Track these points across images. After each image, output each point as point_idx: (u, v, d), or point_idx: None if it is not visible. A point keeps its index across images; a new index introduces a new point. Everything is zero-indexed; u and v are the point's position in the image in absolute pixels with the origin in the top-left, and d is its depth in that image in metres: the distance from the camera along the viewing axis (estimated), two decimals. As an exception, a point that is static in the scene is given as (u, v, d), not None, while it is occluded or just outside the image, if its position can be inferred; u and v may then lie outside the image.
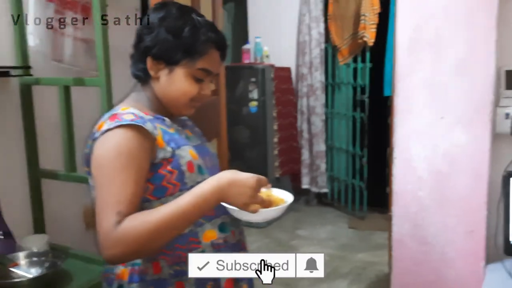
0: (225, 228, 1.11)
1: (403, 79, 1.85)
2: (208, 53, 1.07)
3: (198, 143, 1.18)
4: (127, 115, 1.01)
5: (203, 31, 1.06)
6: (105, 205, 0.93)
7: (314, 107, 4.24)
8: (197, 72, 1.07)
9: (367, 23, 3.70)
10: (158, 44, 1.05)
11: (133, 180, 0.95)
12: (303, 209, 4.43)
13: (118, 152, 0.96)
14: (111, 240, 0.89)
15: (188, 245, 1.04)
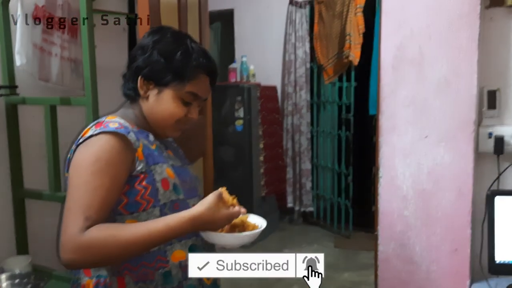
0: (195, 250, 1.10)
1: (387, 97, 1.88)
2: (198, 78, 1.09)
3: (179, 164, 1.18)
4: (112, 123, 1.02)
5: (194, 57, 1.09)
6: (74, 207, 0.93)
7: (299, 125, 4.28)
8: (185, 95, 1.08)
9: (352, 42, 3.77)
10: (150, 65, 1.07)
11: (107, 187, 0.95)
12: (288, 228, 4.42)
13: (97, 157, 0.97)
14: (75, 245, 0.90)
15: (155, 264, 1.04)
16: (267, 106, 4.12)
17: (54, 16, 1.82)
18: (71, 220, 0.91)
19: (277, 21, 4.36)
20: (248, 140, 3.90)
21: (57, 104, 1.60)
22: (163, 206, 1.05)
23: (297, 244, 3.97)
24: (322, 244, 3.95)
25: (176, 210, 1.06)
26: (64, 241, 0.90)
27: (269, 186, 4.11)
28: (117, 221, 1.01)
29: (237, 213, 1.03)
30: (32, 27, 1.73)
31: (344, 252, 3.79)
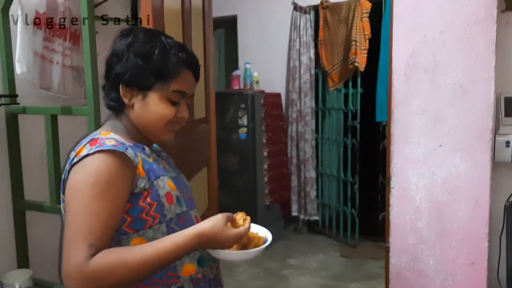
0: (203, 262, 1.07)
1: (399, 106, 1.82)
2: (181, 74, 1.04)
3: (175, 175, 1.14)
4: (108, 140, 0.96)
5: (173, 52, 1.04)
6: (76, 235, 0.87)
7: (304, 133, 4.22)
8: (172, 94, 1.04)
9: (358, 48, 3.72)
10: (129, 70, 1.02)
11: (109, 211, 0.90)
12: (293, 237, 4.35)
13: (96, 179, 0.91)
14: (81, 275, 0.84)
15: (167, 280, 1.00)
16: (271, 114, 4.06)
17: (55, 23, 1.77)
18: (74, 248, 0.86)
19: (281, 27, 4.31)
20: (252, 148, 3.85)
21: (58, 113, 1.55)
22: (170, 221, 1.01)
23: (303, 253, 3.90)
24: (327, 254, 3.88)
25: (182, 223, 1.04)
26: (68, 271, 0.85)
27: (273, 195, 4.05)
28: (122, 241, 0.95)
29: (244, 232, 1.00)
30: (33, 34, 1.68)
31: (351, 261, 3.72)
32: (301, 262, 3.71)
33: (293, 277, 3.42)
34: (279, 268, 3.60)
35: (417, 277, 1.83)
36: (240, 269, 3.58)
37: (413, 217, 1.83)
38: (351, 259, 3.75)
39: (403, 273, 1.86)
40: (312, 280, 3.37)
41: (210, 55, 2.31)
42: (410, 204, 1.83)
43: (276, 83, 4.35)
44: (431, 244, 1.79)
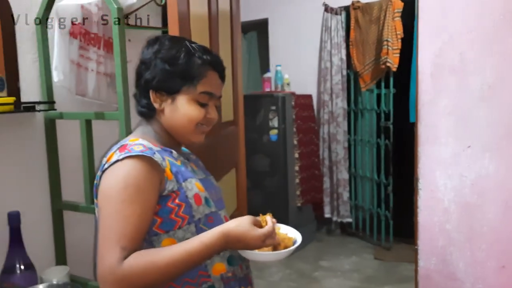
0: (233, 261, 1.10)
1: (426, 106, 1.80)
2: (207, 75, 1.08)
3: (203, 176, 1.17)
4: (137, 146, 1.01)
5: (198, 55, 1.08)
6: (108, 238, 0.92)
7: (336, 134, 4.20)
8: (199, 96, 1.08)
9: (390, 48, 3.68)
10: (157, 75, 1.06)
11: (139, 214, 0.94)
12: (326, 239, 4.34)
13: (126, 183, 0.95)
14: (115, 277, 0.88)
15: (198, 279, 1.03)
16: (302, 115, 4.08)
17: (90, 32, 1.86)
18: (107, 251, 0.90)
19: (312, 29, 4.32)
20: (283, 150, 3.87)
21: (92, 118, 1.63)
22: (198, 221, 1.05)
23: (335, 255, 3.89)
24: (360, 256, 3.85)
25: (211, 223, 1.07)
26: (102, 273, 0.89)
27: (305, 196, 4.06)
28: (154, 242, 1.00)
29: (269, 232, 1.00)
30: (69, 43, 1.77)
31: (384, 264, 3.67)
32: (333, 264, 3.70)
33: (324, 279, 3.42)
34: (311, 269, 3.60)
35: (447, 280, 1.80)
36: (271, 270, 3.61)
37: (442, 219, 1.80)
38: (385, 261, 3.71)
39: (432, 275, 1.84)
40: (344, 282, 3.36)
41: (238, 58, 2.36)
42: (439, 206, 1.81)
43: (307, 84, 4.36)
44: (461, 247, 1.76)
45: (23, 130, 1.72)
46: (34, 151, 1.75)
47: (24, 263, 1.63)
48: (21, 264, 1.62)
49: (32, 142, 1.75)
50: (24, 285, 1.58)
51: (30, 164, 1.75)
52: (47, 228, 1.81)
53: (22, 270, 1.62)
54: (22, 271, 1.61)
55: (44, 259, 1.79)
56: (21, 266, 1.62)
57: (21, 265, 1.62)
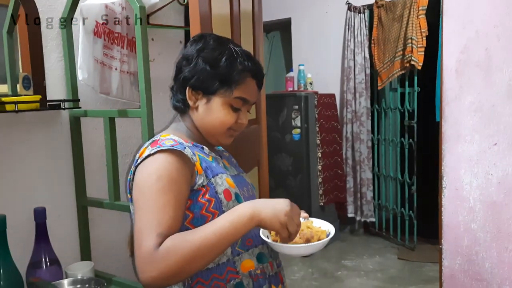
0: (263, 258, 1.10)
1: (451, 103, 1.77)
2: (245, 82, 1.08)
3: (235, 173, 1.18)
4: (167, 141, 1.03)
5: (240, 61, 1.08)
6: (145, 227, 0.92)
7: (359, 133, 4.16)
8: (234, 101, 1.08)
9: (415, 46, 3.62)
10: (196, 74, 1.07)
11: (173, 204, 0.95)
12: (349, 238, 4.30)
13: (158, 175, 0.97)
14: (152, 262, 0.88)
15: (226, 275, 1.03)
16: (325, 114, 4.05)
17: (114, 32, 1.89)
18: (144, 240, 0.90)
19: (335, 28, 4.29)
20: (306, 149, 3.86)
21: (115, 116, 1.66)
22: None
23: (358, 255, 3.85)
24: (384, 256, 3.81)
25: None
26: (140, 261, 0.90)
27: (328, 195, 4.03)
28: None
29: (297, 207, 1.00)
30: (93, 43, 1.81)
31: (408, 264, 3.62)
32: (356, 264, 3.66)
33: (347, 279, 3.39)
34: (333, 269, 3.58)
35: (472, 281, 1.76)
36: (294, 269, 3.60)
37: (467, 218, 1.77)
38: (409, 262, 3.65)
39: (457, 276, 1.80)
40: (367, 282, 3.32)
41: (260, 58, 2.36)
42: (464, 205, 1.77)
43: (331, 83, 4.34)
44: (487, 247, 1.72)
45: (49, 127, 1.77)
46: (59, 148, 1.79)
47: (49, 258, 1.67)
48: (46, 259, 1.66)
49: (58, 139, 1.79)
50: (49, 279, 1.62)
51: (55, 161, 1.79)
52: (72, 224, 1.85)
53: (48, 265, 1.66)
54: (47, 265, 1.66)
55: (70, 254, 1.83)
56: (46, 261, 1.66)
57: (47, 260, 1.66)
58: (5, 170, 1.63)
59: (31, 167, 1.71)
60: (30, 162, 1.71)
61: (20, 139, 1.68)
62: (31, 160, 1.71)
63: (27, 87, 1.67)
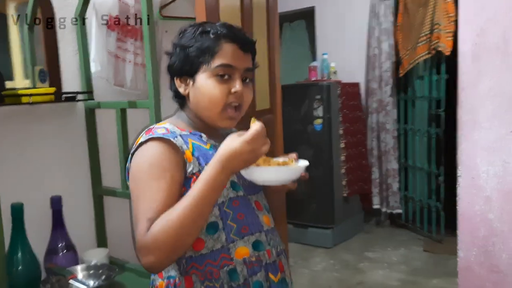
0: (259, 246, 1.08)
1: (467, 89, 1.72)
2: (222, 48, 1.04)
3: None
4: (160, 129, 1.04)
5: (212, 31, 1.05)
6: (138, 215, 0.95)
7: (385, 123, 4.08)
8: (216, 70, 1.04)
9: (442, 31, 3.50)
10: (177, 60, 1.08)
11: (165, 189, 0.96)
12: (374, 230, 4.24)
13: (149, 163, 0.99)
14: (145, 247, 0.90)
15: (220, 261, 1.03)
16: (348, 104, 3.99)
17: (127, 25, 1.93)
18: (138, 227, 0.93)
19: (359, 16, 4.21)
20: (328, 139, 3.81)
21: (126, 107, 1.70)
22: (222, 204, 1.04)
23: (383, 247, 3.79)
24: (409, 248, 3.73)
25: (236, 206, 1.06)
26: (136, 246, 0.93)
27: (351, 186, 3.98)
28: None
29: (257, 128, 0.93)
30: (107, 36, 1.85)
31: (434, 257, 3.54)
32: (380, 256, 3.61)
33: (370, 271, 3.35)
34: (356, 260, 3.54)
35: (489, 272, 1.71)
36: (315, 260, 3.59)
37: (483, 208, 1.71)
38: (435, 254, 3.57)
39: (472, 267, 1.75)
40: (390, 274, 3.27)
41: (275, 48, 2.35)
42: (480, 194, 1.71)
43: (355, 72, 4.27)
44: (504, 237, 1.66)
45: (66, 119, 1.83)
46: (75, 139, 1.86)
47: (66, 244, 1.73)
48: (63, 246, 1.73)
49: (74, 130, 1.85)
50: (66, 265, 1.69)
51: (71, 151, 1.85)
52: (88, 212, 1.92)
53: (64, 251, 1.73)
54: (64, 252, 1.72)
55: (86, 241, 1.90)
56: (63, 247, 1.72)
57: (63, 246, 1.73)
58: (23, 160, 1.70)
59: (48, 158, 1.78)
60: (47, 153, 1.78)
61: (38, 131, 1.74)
62: (48, 151, 1.78)
63: (44, 80, 1.74)
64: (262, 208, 1.13)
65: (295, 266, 3.48)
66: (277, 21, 2.41)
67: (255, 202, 1.12)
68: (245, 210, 1.08)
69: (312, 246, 3.87)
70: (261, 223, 1.10)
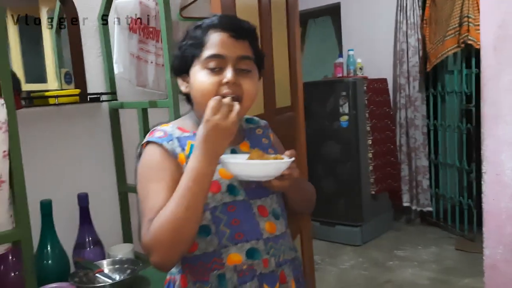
0: (254, 254, 1.02)
1: (489, 83, 1.67)
2: (211, 38, 1.01)
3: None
4: (158, 132, 1.05)
5: (203, 24, 1.04)
6: (141, 217, 0.97)
7: (414, 119, 4.01)
8: (206, 62, 1.00)
9: (472, 24, 3.41)
10: (174, 59, 1.09)
11: (165, 190, 0.95)
12: (404, 228, 4.17)
13: (148, 166, 1.01)
14: (147, 247, 0.91)
15: (211, 265, 1.01)
16: (375, 100, 3.94)
17: (148, 27, 1.98)
18: (142, 229, 0.94)
19: (385, 10, 4.15)
20: (355, 136, 3.78)
21: (147, 107, 1.75)
22: (214, 209, 1.01)
23: (413, 245, 3.73)
24: (440, 246, 3.65)
25: (231, 212, 1.02)
26: (143, 249, 0.93)
27: (380, 184, 3.93)
28: None
29: (214, 101, 0.91)
30: (128, 38, 1.91)
31: (466, 255, 3.45)
32: (409, 254, 3.55)
33: (399, 269, 3.30)
34: (385, 259, 3.50)
35: (515, 271, 1.66)
36: (343, 258, 3.56)
37: (510, 205, 1.66)
38: (467, 253, 3.48)
39: (498, 265, 1.71)
40: (420, 272, 3.22)
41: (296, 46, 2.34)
42: (506, 191, 1.67)
43: (382, 68, 4.21)
44: (531, 235, 1.61)
45: (91, 119, 1.89)
46: (100, 138, 1.92)
47: (92, 239, 1.80)
48: (90, 241, 1.79)
49: (98, 129, 1.92)
50: (93, 259, 1.75)
51: (97, 150, 1.92)
52: (114, 209, 1.98)
53: (91, 246, 1.79)
54: (91, 247, 1.79)
55: (113, 236, 1.96)
56: (90, 242, 1.79)
57: (90, 241, 1.79)
58: (52, 159, 1.78)
59: (74, 156, 1.85)
60: (74, 151, 1.85)
61: (65, 130, 1.82)
62: (74, 150, 1.85)
63: (69, 82, 1.81)
64: (267, 213, 1.07)
65: (322, 263, 3.47)
66: (297, 18, 2.40)
67: (259, 207, 1.06)
68: (242, 216, 1.03)
69: (340, 244, 3.85)
70: (260, 231, 1.04)
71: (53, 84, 1.84)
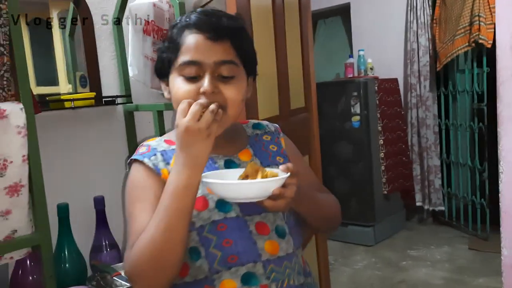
0: (251, 279, 0.90)
1: (506, 83, 1.66)
2: (186, 41, 0.90)
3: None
4: (142, 148, 0.99)
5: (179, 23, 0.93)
6: (128, 237, 0.90)
7: (425, 118, 3.99)
8: (180, 68, 0.90)
9: (483, 23, 3.39)
10: (156, 62, 1.01)
11: (147, 210, 0.87)
12: (417, 227, 4.15)
13: (132, 186, 0.95)
14: (130, 271, 0.85)
15: None
16: (386, 100, 3.93)
17: (162, 29, 1.98)
18: (125, 253, 0.88)
19: (396, 10, 4.13)
20: (366, 136, 3.77)
21: (162, 109, 1.75)
22: (201, 229, 0.90)
23: (425, 244, 3.71)
24: (453, 246, 3.63)
25: (222, 231, 0.90)
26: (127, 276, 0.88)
27: (392, 183, 3.91)
28: None
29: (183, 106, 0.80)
30: (143, 41, 1.91)
31: (480, 255, 3.42)
32: (423, 254, 3.53)
33: (412, 269, 3.29)
34: (398, 258, 3.48)
35: (535, 271, 1.64)
36: (356, 258, 3.55)
37: (528, 205, 1.65)
38: (480, 252, 3.46)
39: (517, 266, 1.69)
40: (434, 272, 3.20)
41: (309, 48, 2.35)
42: (524, 190, 1.65)
43: (393, 68, 4.19)
44: (551, 235, 1.59)
45: (106, 122, 1.90)
46: (116, 141, 1.92)
47: (109, 242, 1.80)
48: (106, 244, 1.80)
49: (114, 132, 1.92)
50: (109, 262, 1.76)
51: (112, 152, 1.92)
52: (130, 212, 1.98)
53: (108, 250, 1.80)
54: (107, 250, 1.79)
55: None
56: (106, 245, 1.79)
57: (107, 245, 1.80)
58: (68, 163, 1.79)
59: (90, 159, 1.85)
60: (90, 154, 1.85)
61: (80, 133, 1.82)
62: (90, 153, 1.85)
63: (84, 85, 1.82)
64: (268, 231, 0.94)
65: (335, 264, 3.46)
66: (310, 20, 2.41)
67: (257, 224, 0.93)
68: (235, 235, 0.91)
69: (353, 244, 3.84)
70: (258, 251, 0.91)
71: (64, 87, 1.85)
